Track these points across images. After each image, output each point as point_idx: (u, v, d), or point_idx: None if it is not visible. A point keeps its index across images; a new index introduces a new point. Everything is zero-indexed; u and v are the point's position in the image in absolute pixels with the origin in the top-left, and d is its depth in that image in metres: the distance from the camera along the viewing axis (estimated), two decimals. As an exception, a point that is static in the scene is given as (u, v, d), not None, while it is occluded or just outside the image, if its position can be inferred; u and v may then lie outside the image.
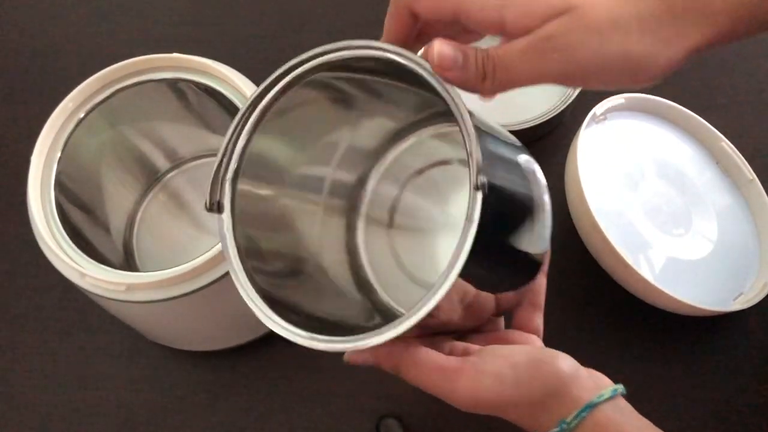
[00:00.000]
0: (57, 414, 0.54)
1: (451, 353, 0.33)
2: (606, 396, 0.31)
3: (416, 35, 0.32)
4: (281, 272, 0.37)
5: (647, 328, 0.55)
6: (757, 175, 0.57)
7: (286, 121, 0.35)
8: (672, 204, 0.55)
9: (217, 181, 0.33)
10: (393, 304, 0.40)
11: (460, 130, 0.28)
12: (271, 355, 0.55)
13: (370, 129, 0.40)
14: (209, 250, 0.44)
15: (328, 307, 0.37)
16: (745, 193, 0.58)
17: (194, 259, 0.43)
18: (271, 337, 0.55)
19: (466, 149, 0.28)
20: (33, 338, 0.57)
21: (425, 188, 0.41)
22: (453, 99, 0.29)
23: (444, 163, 0.41)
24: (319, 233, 0.40)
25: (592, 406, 0.31)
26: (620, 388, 0.32)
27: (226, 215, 0.33)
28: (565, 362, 0.32)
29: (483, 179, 0.27)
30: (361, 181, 0.42)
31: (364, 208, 0.42)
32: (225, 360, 0.55)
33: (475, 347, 0.34)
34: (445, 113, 0.30)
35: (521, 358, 0.32)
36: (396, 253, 0.41)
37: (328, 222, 0.40)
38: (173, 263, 0.44)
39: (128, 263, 0.57)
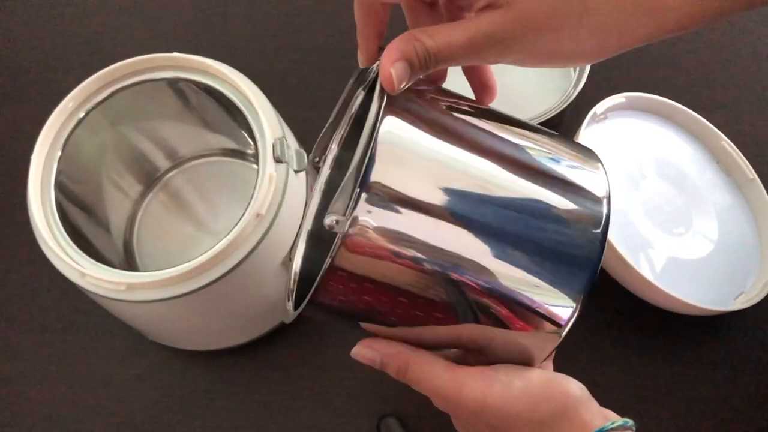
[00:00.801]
0: (57, 414, 0.54)
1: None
2: (617, 425, 0.31)
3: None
4: None
5: (647, 328, 0.55)
6: (758, 175, 0.57)
7: None
8: (672, 203, 0.55)
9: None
10: None
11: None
12: (271, 355, 0.55)
13: None
14: (209, 250, 0.44)
15: None
16: (746, 192, 0.58)
17: (194, 258, 0.43)
18: (272, 336, 0.55)
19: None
20: (33, 338, 0.57)
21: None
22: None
23: None
24: None
25: None
26: (630, 422, 0.31)
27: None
28: (577, 386, 0.32)
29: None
30: None
31: None
32: (225, 360, 0.55)
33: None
34: None
35: (533, 374, 0.31)
36: None
37: None
38: (173, 263, 0.44)
39: (128, 263, 0.57)
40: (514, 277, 0.28)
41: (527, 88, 0.63)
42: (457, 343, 0.31)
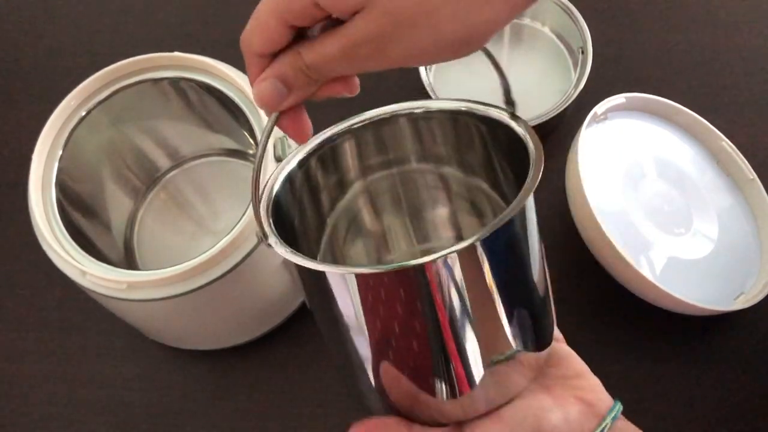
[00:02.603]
0: (57, 413, 0.54)
1: None
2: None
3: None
4: None
5: (648, 328, 0.55)
6: (758, 175, 0.57)
7: None
8: (673, 203, 0.55)
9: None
10: None
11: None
12: (271, 354, 0.55)
13: None
14: (210, 249, 0.44)
15: None
16: (746, 192, 0.58)
17: (195, 257, 0.43)
18: (272, 336, 0.55)
19: None
20: (33, 337, 0.57)
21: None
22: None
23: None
24: None
25: None
26: (607, 423, 0.32)
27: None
28: (556, 416, 0.31)
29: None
30: None
31: None
32: (225, 359, 0.55)
33: None
34: None
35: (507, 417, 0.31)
36: None
37: None
38: (174, 262, 0.44)
39: (129, 261, 0.57)
40: None
41: (527, 89, 0.63)
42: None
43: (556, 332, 0.36)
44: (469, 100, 0.36)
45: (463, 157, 0.38)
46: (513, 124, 0.33)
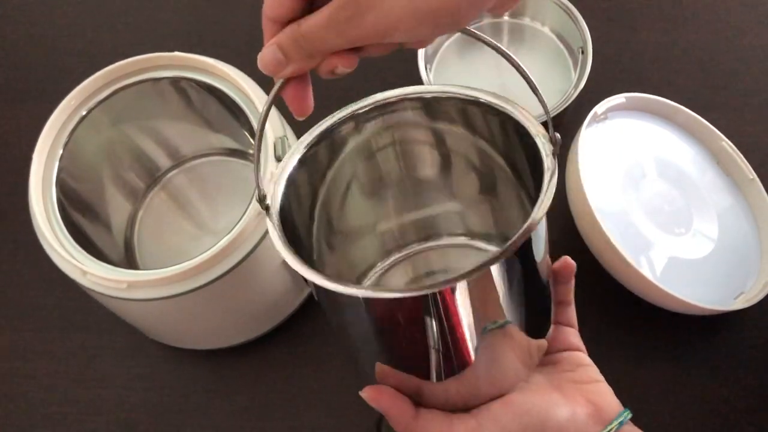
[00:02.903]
0: (57, 413, 0.54)
1: None
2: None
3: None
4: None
5: (648, 328, 0.55)
6: (758, 175, 0.57)
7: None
8: (673, 203, 0.55)
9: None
10: None
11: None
12: (272, 354, 0.55)
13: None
14: (210, 249, 0.44)
15: None
16: (746, 192, 0.58)
17: (195, 257, 0.43)
18: (272, 336, 0.55)
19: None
20: (33, 337, 0.57)
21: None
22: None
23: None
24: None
25: None
26: (614, 426, 0.32)
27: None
28: (561, 412, 0.32)
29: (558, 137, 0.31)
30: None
31: None
32: (225, 359, 0.55)
33: None
34: None
35: (506, 408, 0.32)
36: None
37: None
38: (174, 261, 0.44)
39: (129, 261, 0.57)
40: None
41: (527, 89, 0.63)
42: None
43: (579, 342, 0.37)
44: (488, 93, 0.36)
45: (468, 122, 0.39)
46: (530, 128, 0.33)
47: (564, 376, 0.35)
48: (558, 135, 0.31)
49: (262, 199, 0.33)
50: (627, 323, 0.55)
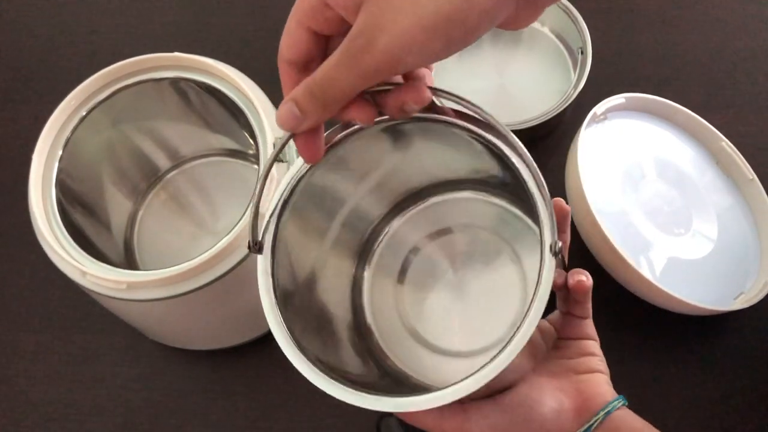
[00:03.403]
0: (57, 413, 0.54)
1: None
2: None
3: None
4: (310, 327, 0.37)
5: (648, 328, 0.55)
6: (757, 175, 0.57)
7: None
8: (672, 204, 0.55)
9: (257, 218, 0.32)
10: (399, 365, 0.39)
11: (531, 196, 0.29)
12: (272, 354, 0.55)
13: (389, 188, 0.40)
14: (210, 249, 0.44)
15: (342, 362, 0.37)
16: (746, 192, 0.58)
17: (195, 257, 0.44)
18: (272, 336, 0.55)
19: (539, 214, 0.29)
20: (33, 337, 0.57)
21: (441, 248, 0.41)
22: (530, 168, 0.30)
23: (469, 227, 0.41)
24: (332, 287, 0.39)
25: None
26: (599, 417, 0.33)
27: (266, 254, 0.33)
28: (549, 406, 0.33)
29: (559, 244, 0.28)
30: (374, 237, 0.41)
31: (372, 266, 0.41)
32: (225, 359, 0.55)
33: None
34: (483, 181, 0.31)
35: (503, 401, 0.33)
36: (401, 311, 0.41)
37: (338, 275, 0.40)
38: (174, 262, 0.44)
39: (129, 262, 0.57)
40: None
41: (527, 89, 0.63)
42: None
43: (592, 332, 0.38)
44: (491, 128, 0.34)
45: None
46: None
47: (564, 363, 0.36)
48: (560, 243, 0.29)
49: (254, 245, 0.32)
50: (626, 323, 0.55)
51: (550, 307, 0.35)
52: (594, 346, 0.37)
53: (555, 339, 0.38)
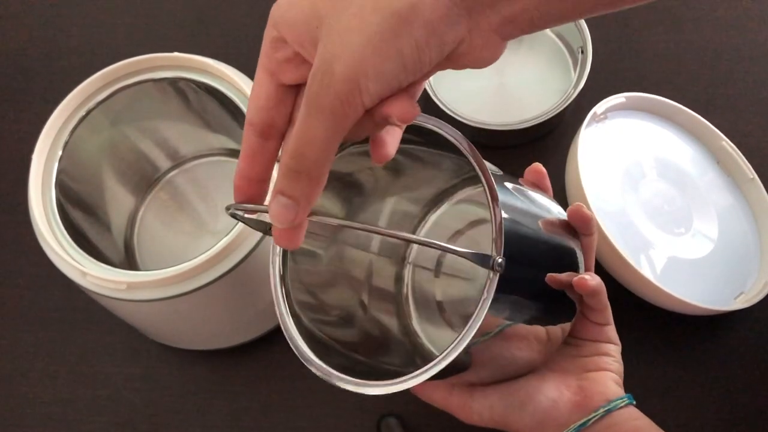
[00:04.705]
0: (57, 413, 0.54)
1: None
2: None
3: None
4: (335, 321, 0.40)
5: (648, 328, 0.55)
6: (758, 174, 0.57)
7: (340, 184, 0.37)
8: (673, 203, 0.55)
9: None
10: (434, 349, 0.43)
11: (487, 200, 0.30)
12: (272, 354, 0.55)
13: (415, 193, 0.43)
14: (210, 249, 0.44)
15: (370, 353, 0.40)
16: (746, 192, 0.58)
17: (195, 258, 0.43)
18: (272, 336, 0.55)
19: (492, 217, 0.29)
20: (34, 337, 0.57)
21: (467, 245, 0.43)
22: (479, 169, 0.30)
23: (481, 222, 0.44)
24: (368, 285, 0.43)
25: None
26: (599, 413, 0.34)
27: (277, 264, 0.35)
28: (545, 394, 0.34)
29: (500, 261, 0.28)
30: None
31: (410, 264, 0.45)
32: (225, 359, 0.55)
33: None
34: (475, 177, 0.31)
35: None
36: (439, 302, 0.44)
37: (379, 275, 0.44)
38: (174, 262, 0.44)
39: (129, 262, 0.57)
40: None
41: (527, 89, 0.63)
42: None
43: (613, 335, 0.38)
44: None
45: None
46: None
47: (577, 361, 0.36)
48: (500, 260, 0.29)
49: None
50: (626, 323, 0.55)
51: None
52: (611, 348, 0.38)
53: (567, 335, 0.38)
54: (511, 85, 0.63)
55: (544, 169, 0.37)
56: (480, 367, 0.34)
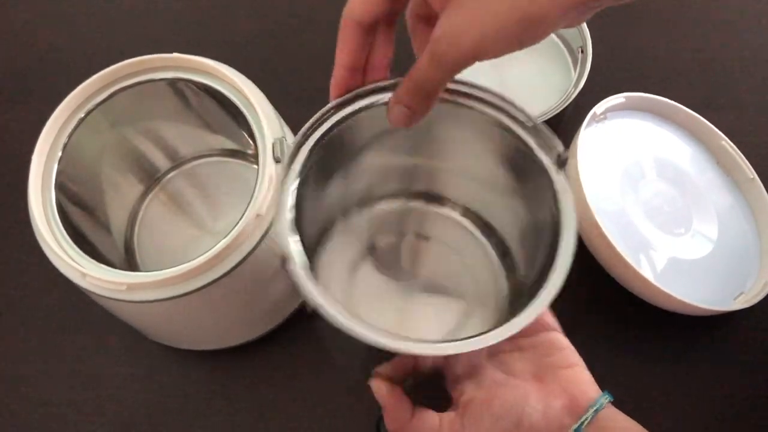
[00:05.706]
0: (57, 413, 0.54)
1: None
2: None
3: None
4: None
5: (648, 328, 0.55)
6: (758, 174, 0.57)
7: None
8: (672, 203, 0.55)
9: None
10: None
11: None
12: (271, 354, 0.55)
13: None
14: (210, 250, 0.44)
15: None
16: (746, 192, 0.58)
17: (195, 258, 0.44)
18: (272, 336, 0.55)
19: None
20: (33, 338, 0.57)
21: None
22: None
23: None
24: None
25: None
26: (589, 415, 0.34)
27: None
28: (534, 408, 0.34)
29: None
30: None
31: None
32: (225, 359, 0.55)
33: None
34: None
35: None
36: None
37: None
38: (174, 263, 0.44)
39: (129, 263, 0.57)
40: None
41: (527, 89, 0.63)
42: None
43: (554, 322, 0.38)
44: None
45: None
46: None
47: (543, 362, 0.36)
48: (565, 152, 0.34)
49: (285, 260, 0.34)
50: (627, 323, 0.55)
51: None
52: (561, 337, 0.38)
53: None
54: (511, 84, 0.63)
55: None
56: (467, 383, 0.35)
